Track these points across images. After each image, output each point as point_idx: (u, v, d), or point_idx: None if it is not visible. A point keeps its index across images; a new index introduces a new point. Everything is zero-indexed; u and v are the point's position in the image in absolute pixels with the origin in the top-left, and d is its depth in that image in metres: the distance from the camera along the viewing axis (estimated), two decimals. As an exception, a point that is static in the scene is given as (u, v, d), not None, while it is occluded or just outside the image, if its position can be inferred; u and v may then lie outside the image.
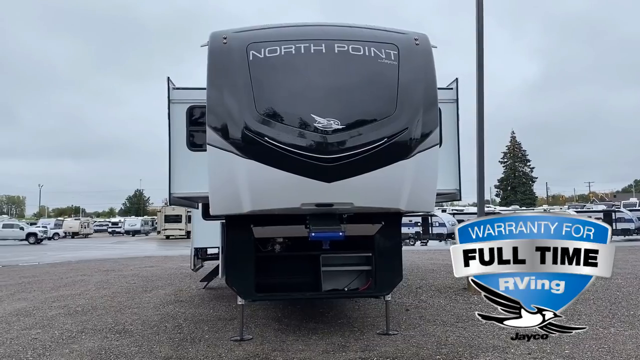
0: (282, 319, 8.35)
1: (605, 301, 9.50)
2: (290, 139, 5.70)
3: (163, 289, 12.13)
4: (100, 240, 51.28)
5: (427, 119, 6.07)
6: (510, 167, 79.53)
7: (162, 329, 7.86)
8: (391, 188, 5.99)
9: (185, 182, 7.49)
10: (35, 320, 8.61)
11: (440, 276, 13.65)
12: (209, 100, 5.96)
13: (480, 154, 11.42)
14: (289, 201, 5.87)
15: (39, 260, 23.05)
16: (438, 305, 9.42)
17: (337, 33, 6.20)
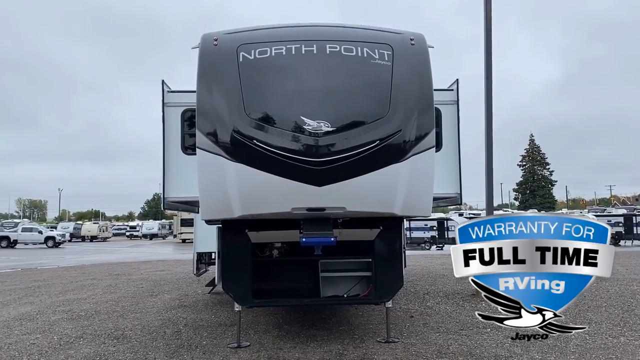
0: (282, 326, 8.22)
1: (617, 308, 9.19)
2: (280, 142, 5.57)
3: (169, 294, 12.09)
4: (118, 244, 51.75)
5: (422, 120, 5.88)
6: (529, 171, 78.40)
7: (161, 334, 7.78)
8: (385, 192, 5.81)
9: (180, 186, 7.42)
10: (36, 325, 8.61)
11: (450, 282, 13.40)
12: (198, 103, 5.87)
13: (489, 152, 11.21)
14: (279, 206, 5.73)
15: (57, 264, 23.26)
16: (444, 311, 9.21)
17: (329, 33, 6.06)
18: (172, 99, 7.66)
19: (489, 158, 11.18)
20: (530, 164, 78.66)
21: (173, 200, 7.55)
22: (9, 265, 22.92)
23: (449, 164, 7.86)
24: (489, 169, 11.13)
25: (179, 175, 7.41)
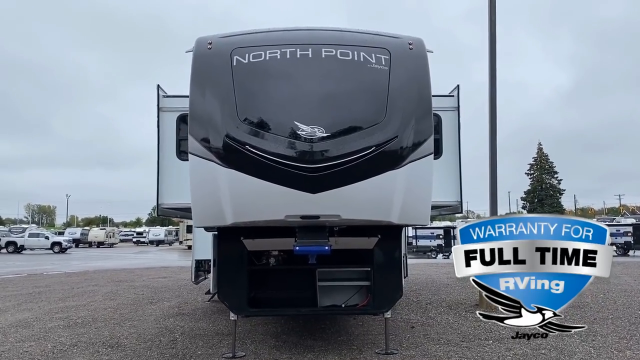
0: (280, 335, 8.06)
1: (624, 320, 8.95)
2: (273, 147, 5.44)
3: (168, 301, 11.97)
4: (124, 250, 51.80)
5: (420, 126, 5.72)
6: (537, 179, 77.81)
7: (156, 343, 7.65)
8: (381, 199, 5.65)
9: (175, 192, 7.30)
10: (32, 332, 8.51)
11: (454, 291, 13.19)
12: (191, 107, 5.75)
13: (493, 153, 11.06)
14: (272, 213, 5.59)
15: (61, 270, 23.23)
16: (445, 322, 9.01)
17: (325, 37, 5.94)
18: (168, 103, 7.57)
19: (493, 160, 11.04)
20: (538, 173, 78.06)
21: (167, 207, 7.43)
22: (14, 270, 22.91)
23: (449, 171, 7.68)
24: (492, 170, 11.00)
25: (173, 181, 7.30)
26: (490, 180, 11.09)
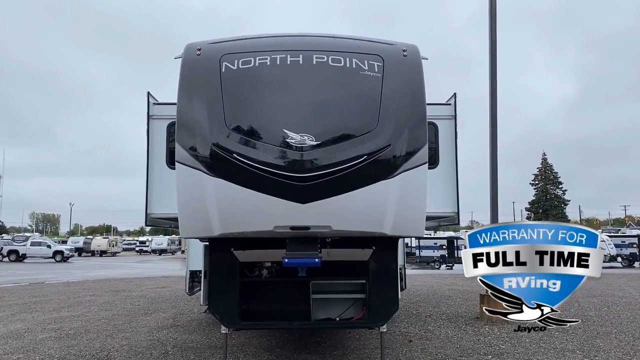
0: (274, 349, 7.87)
1: (628, 335, 8.72)
2: (261, 156, 5.26)
3: (164, 312, 11.80)
4: (126, 259, 51.62)
5: (414, 135, 5.54)
6: (541, 190, 77.35)
7: (147, 356, 7.48)
8: (373, 210, 5.46)
9: (165, 202, 7.12)
10: (22, 344, 8.34)
11: (455, 303, 12.96)
12: (178, 115, 5.59)
13: (494, 159, 10.90)
14: (260, 224, 5.41)
15: (61, 279, 23.08)
16: (444, 336, 8.79)
17: (316, 43, 5.79)
18: (158, 111, 7.44)
19: (493, 166, 10.90)
20: (542, 183, 77.63)
21: (157, 217, 7.27)
22: (13, 279, 22.78)
23: (445, 181, 7.46)
24: (493, 177, 10.88)
25: (163, 190, 7.13)
26: (490, 188, 10.93)
